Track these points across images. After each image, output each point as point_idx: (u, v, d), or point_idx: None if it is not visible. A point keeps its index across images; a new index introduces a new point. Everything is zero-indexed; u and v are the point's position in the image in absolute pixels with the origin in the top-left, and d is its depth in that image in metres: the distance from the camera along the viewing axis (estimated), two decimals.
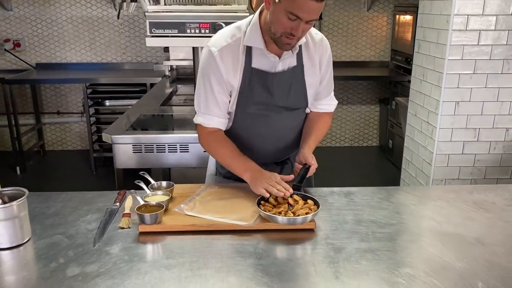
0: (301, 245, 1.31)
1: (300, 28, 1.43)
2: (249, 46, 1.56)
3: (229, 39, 1.58)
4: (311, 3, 1.37)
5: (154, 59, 4.86)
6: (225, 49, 1.56)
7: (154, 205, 1.40)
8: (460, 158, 2.71)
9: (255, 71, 1.59)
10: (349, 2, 4.88)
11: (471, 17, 2.47)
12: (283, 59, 1.59)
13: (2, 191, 1.31)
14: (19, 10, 4.68)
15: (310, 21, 1.44)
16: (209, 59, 1.57)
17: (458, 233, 1.38)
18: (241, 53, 1.57)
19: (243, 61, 1.57)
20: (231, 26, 1.63)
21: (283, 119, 1.69)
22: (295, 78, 1.63)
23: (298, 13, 1.39)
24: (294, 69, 1.62)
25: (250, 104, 1.63)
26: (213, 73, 1.58)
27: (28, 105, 4.87)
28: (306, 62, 1.64)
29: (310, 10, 1.39)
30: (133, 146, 2.37)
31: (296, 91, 1.65)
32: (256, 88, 1.60)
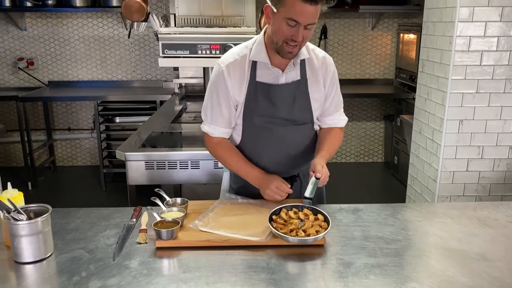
0: (311, 260, 1.36)
1: (300, 33, 1.54)
2: (255, 61, 1.68)
3: (236, 55, 1.71)
4: (307, 7, 1.48)
5: (164, 77, 4.97)
6: (231, 64, 1.69)
7: (170, 221, 1.47)
8: (464, 175, 2.76)
9: (259, 84, 1.69)
10: (354, 21, 4.99)
11: (473, 39, 2.55)
12: (286, 72, 1.69)
13: (28, 207, 1.38)
14: (33, 30, 4.83)
15: (309, 26, 1.54)
16: (217, 74, 1.71)
17: (462, 249, 1.43)
18: (246, 68, 1.69)
19: (248, 75, 1.69)
20: (240, 45, 1.77)
21: (289, 132, 1.77)
22: (298, 91, 1.72)
23: (296, 17, 1.50)
24: (298, 83, 1.72)
25: (255, 115, 1.73)
26: (220, 88, 1.70)
27: (40, 122, 4.98)
28: (309, 77, 1.73)
29: (307, 14, 1.50)
30: (145, 163, 2.45)
31: (300, 104, 1.73)
32: (260, 100, 1.70)
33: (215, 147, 1.81)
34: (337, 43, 5.02)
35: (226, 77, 1.68)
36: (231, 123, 1.77)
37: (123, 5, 2.82)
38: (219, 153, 1.82)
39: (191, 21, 3.01)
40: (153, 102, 4.46)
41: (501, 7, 2.50)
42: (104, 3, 4.54)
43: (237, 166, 1.78)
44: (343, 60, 5.07)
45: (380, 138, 5.33)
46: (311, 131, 1.84)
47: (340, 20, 4.97)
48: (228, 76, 1.68)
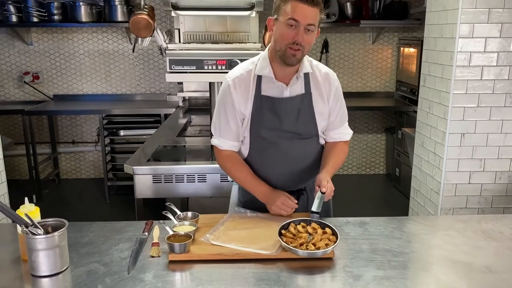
0: (321, 273, 1.40)
1: (301, 33, 1.61)
2: (260, 76, 1.75)
3: (242, 70, 1.79)
4: (306, 7, 1.59)
5: (167, 90, 5.03)
6: (237, 79, 1.76)
7: (183, 235, 1.50)
8: (467, 187, 2.80)
9: (264, 98, 1.75)
10: (355, 36, 5.07)
11: (473, 54, 2.61)
12: (290, 86, 1.75)
13: (45, 221, 1.41)
14: (39, 44, 4.90)
15: (309, 27, 1.61)
16: (224, 89, 1.79)
17: (468, 261, 1.47)
18: (252, 82, 1.75)
19: (254, 89, 1.75)
20: (247, 61, 1.84)
21: (295, 146, 1.81)
22: (303, 105, 1.77)
23: (295, 16, 1.60)
24: (302, 96, 1.77)
25: (261, 129, 1.78)
26: (227, 101, 1.78)
27: (45, 135, 5.02)
28: (313, 91, 1.79)
29: (305, 13, 1.59)
30: (153, 177, 2.49)
31: (305, 117, 1.78)
32: (266, 113, 1.76)
33: (224, 161, 1.86)
34: (339, 57, 5.09)
35: (232, 91, 1.75)
36: (239, 136, 1.83)
37: (131, 22, 2.89)
38: (228, 167, 1.87)
39: (197, 37, 3.08)
40: (157, 116, 4.51)
41: (501, 23, 2.56)
42: (109, 19, 4.61)
43: (245, 181, 1.83)
44: (344, 74, 5.13)
45: (381, 150, 5.38)
46: (317, 145, 1.88)
47: (341, 35, 5.05)
48: (234, 90, 1.75)
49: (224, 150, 1.84)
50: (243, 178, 1.83)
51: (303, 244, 1.45)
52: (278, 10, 1.65)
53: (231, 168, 1.86)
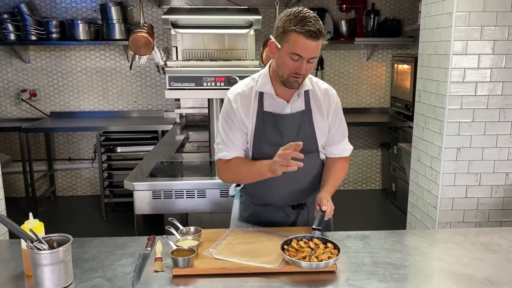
0: (324, 287, 1.41)
1: (303, 66, 1.64)
2: (261, 92, 1.78)
3: (244, 87, 1.82)
4: (310, 42, 1.59)
5: (164, 107, 5.06)
6: (239, 95, 1.80)
7: (186, 249, 1.51)
8: (463, 201, 2.83)
9: (266, 114, 1.79)
10: (349, 53, 5.15)
11: (467, 70, 2.67)
12: (291, 103, 1.78)
13: (48, 237, 1.42)
14: (36, 62, 4.93)
15: (311, 59, 1.63)
16: (226, 105, 1.82)
17: (469, 273, 1.48)
18: (253, 99, 1.79)
19: (256, 106, 1.79)
20: (248, 78, 1.87)
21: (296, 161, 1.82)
22: (303, 121, 1.80)
23: (299, 52, 1.61)
24: (303, 113, 1.80)
25: (263, 144, 1.80)
26: (230, 115, 1.80)
27: (41, 152, 5.02)
28: (313, 107, 1.82)
29: (310, 49, 1.61)
30: (152, 193, 2.49)
31: (306, 133, 1.81)
32: (268, 129, 1.79)
33: (227, 168, 1.82)
34: (334, 74, 5.16)
35: (234, 105, 1.79)
36: (244, 147, 1.83)
37: (130, 40, 2.93)
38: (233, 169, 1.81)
39: (195, 54, 3.12)
40: (154, 132, 4.53)
41: (493, 40, 2.63)
42: (107, 37, 4.66)
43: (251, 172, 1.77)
44: (339, 90, 5.19)
45: (377, 165, 5.42)
46: (317, 160, 1.90)
47: (336, 52, 5.13)
48: (236, 104, 1.79)
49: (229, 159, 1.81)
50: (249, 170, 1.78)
51: (306, 257, 1.46)
52: (281, 38, 1.63)
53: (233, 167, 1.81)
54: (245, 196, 1.99)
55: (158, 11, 4.85)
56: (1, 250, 1.77)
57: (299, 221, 1.92)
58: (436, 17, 2.83)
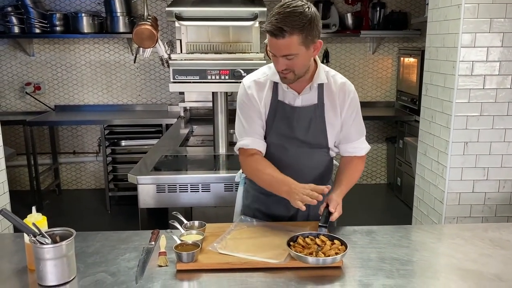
0: (330, 283, 1.39)
1: (279, 63, 1.63)
2: (276, 82, 1.76)
3: (260, 75, 1.81)
4: (273, 40, 1.59)
5: (168, 100, 5.04)
6: (254, 82, 1.79)
7: (191, 244, 1.49)
8: (470, 196, 2.80)
9: (280, 104, 1.77)
10: (355, 46, 5.10)
11: (475, 63, 2.62)
12: (302, 95, 1.76)
13: (52, 231, 1.41)
14: (40, 55, 4.92)
15: (286, 56, 1.60)
16: (242, 92, 1.80)
17: (477, 269, 1.46)
18: (268, 88, 1.77)
19: (270, 94, 1.77)
20: (265, 66, 1.86)
21: (303, 155, 1.80)
22: (315, 115, 1.77)
23: (271, 50, 1.63)
24: (315, 106, 1.77)
25: (272, 134, 1.78)
26: (247, 102, 1.78)
27: (46, 145, 5.02)
28: (326, 102, 1.77)
29: (277, 46, 1.59)
30: (157, 186, 2.48)
31: (316, 127, 1.77)
32: (278, 119, 1.77)
33: (250, 161, 1.78)
34: (339, 67, 5.12)
35: (249, 92, 1.78)
36: (263, 134, 1.80)
37: (134, 32, 2.89)
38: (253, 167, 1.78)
39: (199, 47, 3.09)
40: (159, 126, 4.51)
41: (502, 33, 2.58)
42: (111, 30, 4.64)
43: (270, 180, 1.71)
44: None
45: (382, 159, 5.38)
46: (326, 157, 1.86)
47: (342, 45, 5.08)
48: (250, 91, 1.78)
49: (251, 150, 1.77)
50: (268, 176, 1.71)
51: (313, 253, 1.44)
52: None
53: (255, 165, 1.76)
54: (248, 182, 1.96)
55: (162, 4, 4.82)
56: (5, 244, 1.77)
57: (299, 215, 1.87)
58: (444, 9, 2.78)
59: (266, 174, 1.72)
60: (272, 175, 1.70)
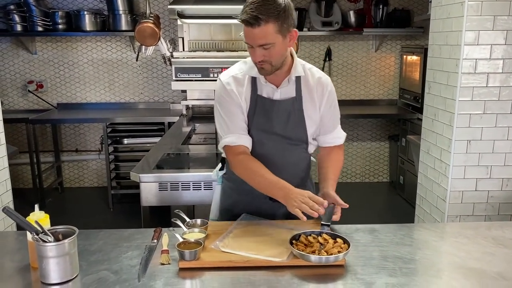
0: (333, 281, 1.39)
1: (256, 53, 1.61)
2: (254, 76, 1.75)
3: (237, 71, 1.79)
4: (248, 29, 1.58)
5: (171, 98, 5.04)
6: (232, 78, 1.77)
7: (193, 242, 1.49)
8: (473, 194, 2.79)
9: (260, 98, 1.75)
10: (358, 43, 5.09)
11: (479, 61, 2.61)
12: (280, 88, 1.75)
13: (54, 229, 1.41)
14: (43, 53, 4.92)
15: (262, 46, 1.59)
16: (221, 89, 1.77)
17: (480, 268, 1.45)
18: (246, 83, 1.75)
19: (250, 89, 1.75)
20: (239, 62, 1.84)
21: (283, 151, 1.79)
22: (293, 109, 1.76)
23: (246, 40, 1.62)
24: (293, 100, 1.76)
25: (253, 129, 1.76)
26: (227, 98, 1.75)
27: (48, 143, 5.03)
28: (305, 95, 1.78)
29: (251, 36, 1.58)
30: (159, 185, 2.48)
31: (295, 121, 1.77)
32: (258, 113, 1.75)
33: (239, 161, 1.73)
34: (342, 65, 5.11)
35: (228, 87, 1.75)
36: (247, 129, 1.77)
37: (136, 30, 2.89)
38: (243, 167, 1.72)
39: (202, 45, 3.09)
40: (161, 124, 4.52)
41: (506, 30, 2.57)
42: (113, 28, 4.64)
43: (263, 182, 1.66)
44: (347, 81, 5.15)
45: (385, 158, 5.37)
46: (305, 154, 1.85)
47: (344, 43, 5.07)
48: (230, 86, 1.75)
49: (238, 147, 1.73)
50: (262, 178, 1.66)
51: (315, 252, 1.44)
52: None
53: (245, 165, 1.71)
54: (226, 182, 1.94)
55: (164, 2, 4.82)
56: (8, 242, 1.77)
57: (278, 215, 1.83)
58: (447, 6, 2.77)
59: (260, 176, 1.67)
60: (266, 177, 1.65)
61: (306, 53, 5.03)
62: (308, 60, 5.17)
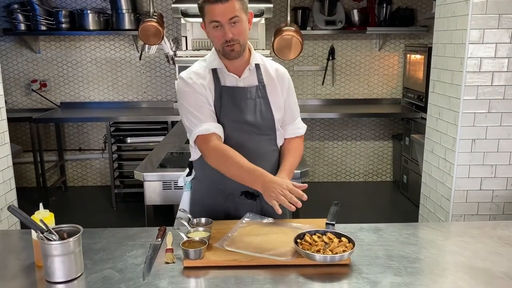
0: (338, 280, 1.38)
1: (227, 30, 1.63)
2: (215, 69, 1.76)
3: (197, 67, 1.80)
4: (217, 6, 1.61)
5: (174, 98, 5.04)
6: (193, 73, 1.77)
7: (198, 241, 1.49)
8: (478, 194, 2.78)
9: (224, 88, 1.76)
10: (361, 42, 5.08)
11: (484, 60, 2.60)
12: (243, 78, 1.77)
13: (59, 227, 1.41)
14: (46, 52, 4.93)
15: (233, 20, 1.63)
16: (183, 84, 1.76)
17: (486, 267, 1.45)
18: (208, 76, 1.76)
19: (212, 82, 1.75)
20: (198, 61, 1.84)
21: (254, 141, 1.78)
22: (258, 96, 1.78)
23: (214, 18, 1.63)
24: (257, 87, 1.79)
25: (224, 120, 1.75)
26: (191, 91, 1.73)
27: (52, 142, 5.04)
28: (267, 83, 1.80)
29: (221, 12, 1.61)
30: (163, 183, 2.48)
31: (262, 108, 1.78)
32: (226, 103, 1.75)
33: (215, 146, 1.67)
34: (345, 64, 5.10)
35: (190, 81, 1.74)
36: (216, 119, 1.73)
37: (140, 29, 2.90)
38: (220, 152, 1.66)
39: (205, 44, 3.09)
40: (164, 123, 4.52)
41: (511, 29, 2.56)
42: (116, 27, 4.64)
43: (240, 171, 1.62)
44: (351, 80, 5.14)
45: (388, 157, 5.36)
46: (274, 145, 1.85)
47: (348, 41, 5.06)
48: (193, 81, 1.74)
49: (210, 135, 1.67)
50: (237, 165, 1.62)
51: (320, 251, 1.43)
52: (202, 15, 1.69)
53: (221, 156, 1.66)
54: (195, 187, 1.92)
55: (167, 0, 4.82)
56: (13, 240, 1.77)
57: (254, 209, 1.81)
58: (452, 5, 2.76)
59: (236, 163, 1.62)
60: (242, 163, 1.61)
61: (309, 52, 5.02)
62: (311, 59, 5.16)
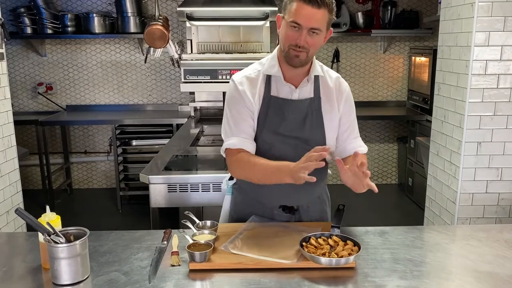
0: (344, 283, 1.38)
1: (303, 36, 1.55)
2: (269, 75, 1.70)
3: (250, 71, 1.75)
4: (308, 9, 1.53)
5: (179, 100, 5.06)
6: (245, 78, 1.72)
7: (203, 243, 1.49)
8: (484, 197, 2.76)
9: (273, 99, 1.69)
10: (366, 45, 5.07)
11: (489, 62, 2.59)
12: (299, 88, 1.69)
13: (67, 230, 1.41)
14: (52, 55, 4.96)
15: (313, 31, 1.55)
16: (232, 89, 1.73)
17: (492, 271, 1.44)
18: (260, 82, 1.70)
19: (263, 90, 1.70)
20: (255, 63, 1.79)
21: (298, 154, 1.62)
22: (310, 109, 1.70)
23: (297, 19, 1.54)
24: (311, 100, 1.71)
25: (265, 131, 1.69)
26: (238, 98, 1.70)
27: (57, 145, 5.06)
28: (323, 96, 1.72)
29: (307, 16, 1.53)
30: (168, 186, 2.49)
31: (312, 122, 1.70)
32: (272, 115, 1.69)
33: (238, 157, 1.66)
34: (350, 66, 5.10)
35: (240, 88, 1.69)
36: (253, 135, 1.70)
37: (146, 32, 2.92)
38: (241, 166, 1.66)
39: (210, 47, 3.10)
40: (169, 126, 4.53)
41: None
42: (122, 30, 4.66)
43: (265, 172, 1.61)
44: (355, 83, 5.13)
45: (393, 159, 5.34)
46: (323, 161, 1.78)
47: (353, 44, 5.06)
48: (242, 87, 1.70)
49: (236, 150, 1.66)
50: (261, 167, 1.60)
51: (325, 254, 1.43)
52: (285, 8, 1.59)
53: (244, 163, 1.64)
54: (236, 193, 1.89)
55: (173, 4, 4.84)
56: (19, 243, 1.78)
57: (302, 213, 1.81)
58: (457, 7, 2.75)
59: (260, 165, 1.60)
60: (266, 165, 1.59)
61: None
62: None
